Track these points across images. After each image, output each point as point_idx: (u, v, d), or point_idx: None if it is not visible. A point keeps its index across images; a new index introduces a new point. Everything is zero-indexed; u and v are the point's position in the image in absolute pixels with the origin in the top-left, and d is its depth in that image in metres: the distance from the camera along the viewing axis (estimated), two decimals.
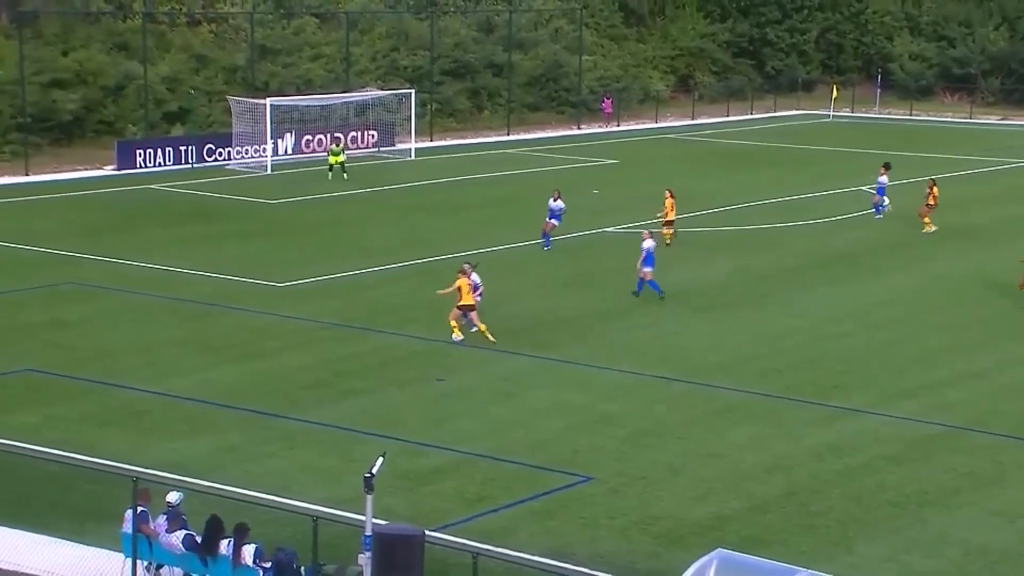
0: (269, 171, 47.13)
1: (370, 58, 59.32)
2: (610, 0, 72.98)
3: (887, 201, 39.81)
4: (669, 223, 34.99)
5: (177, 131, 50.79)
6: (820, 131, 65.20)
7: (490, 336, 25.54)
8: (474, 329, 25.61)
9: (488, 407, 22.29)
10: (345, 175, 45.39)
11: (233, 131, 48.93)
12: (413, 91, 53.65)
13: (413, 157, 51.43)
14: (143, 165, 46.54)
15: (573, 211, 39.60)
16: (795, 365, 24.97)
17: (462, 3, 66.86)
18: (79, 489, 17.63)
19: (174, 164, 47.17)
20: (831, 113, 71.22)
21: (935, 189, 38.26)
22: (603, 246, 35.83)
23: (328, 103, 52.31)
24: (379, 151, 52.82)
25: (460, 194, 43.81)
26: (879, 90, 75.22)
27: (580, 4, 70.03)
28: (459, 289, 25.51)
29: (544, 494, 18.52)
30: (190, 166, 47.28)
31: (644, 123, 66.25)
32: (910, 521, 17.93)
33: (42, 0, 50.40)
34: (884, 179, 40.05)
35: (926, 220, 37.83)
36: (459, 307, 25.62)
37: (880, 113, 73.00)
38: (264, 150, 48.35)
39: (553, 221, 34.60)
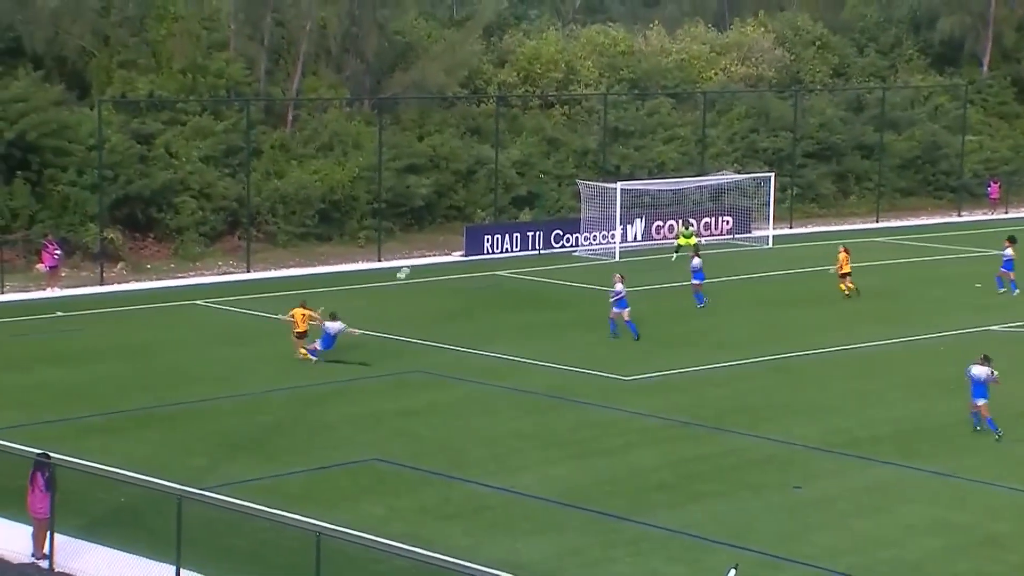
0: (617, 258, 48.06)
1: (727, 139, 59.66)
2: (1001, 75, 70.18)
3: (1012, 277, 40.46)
4: (844, 275, 40.11)
5: (525, 216, 52.75)
6: None
7: (303, 356, 30.95)
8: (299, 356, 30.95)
9: (851, 520, 21.65)
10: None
11: (581, 216, 50.30)
12: (772, 174, 53.44)
13: (771, 245, 51.08)
14: (491, 251, 48.54)
15: (952, 306, 37.99)
16: None
17: (830, 81, 66.23)
18: None
19: (521, 250, 48.94)
20: None
21: None
22: (987, 346, 34.13)
23: (681, 187, 52.91)
24: (734, 238, 52.82)
25: (822, 285, 43.02)
26: None
27: (965, 80, 67.76)
28: (294, 318, 31.34)
29: None
30: (537, 252, 48.90)
31: None
32: None
33: (402, 86, 53.94)
34: (1009, 252, 41.01)
35: None
36: (297, 335, 31.24)
37: None
38: (613, 236, 49.39)
39: (617, 310, 34.23)
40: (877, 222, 58.52)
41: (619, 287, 34.19)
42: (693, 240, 46.41)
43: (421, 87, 53.83)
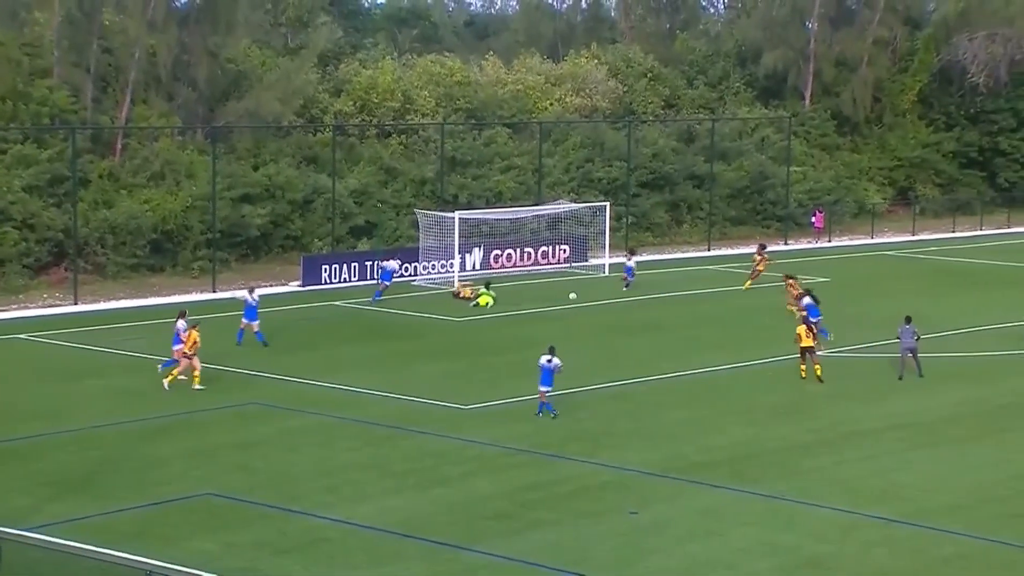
0: (456, 287, 48.11)
1: (563, 169, 60.43)
2: (821, 108, 72.71)
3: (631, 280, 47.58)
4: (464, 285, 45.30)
5: (364, 246, 52.49)
6: None
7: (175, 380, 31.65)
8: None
9: (685, 544, 22.03)
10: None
11: (420, 246, 50.31)
12: (608, 204, 54.31)
13: (607, 273, 51.83)
14: (328, 281, 48.14)
15: (781, 332, 39.06)
16: None
17: (661, 112, 67.66)
18: None
19: (359, 280, 48.63)
20: None
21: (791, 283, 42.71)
22: (812, 371, 35.18)
23: (518, 216, 53.35)
24: (571, 266, 53.45)
25: (657, 312, 43.84)
26: None
27: (789, 112, 69.95)
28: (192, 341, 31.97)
29: None
30: (376, 282, 48.67)
31: (858, 238, 65.28)
32: None
33: (236, 115, 53.25)
34: (631, 262, 48.19)
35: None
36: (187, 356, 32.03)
37: None
38: (451, 265, 49.49)
39: (247, 321, 37.29)
40: (709, 250, 59.89)
41: (248, 298, 37.37)
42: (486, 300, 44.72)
43: (256, 116, 53.23)
